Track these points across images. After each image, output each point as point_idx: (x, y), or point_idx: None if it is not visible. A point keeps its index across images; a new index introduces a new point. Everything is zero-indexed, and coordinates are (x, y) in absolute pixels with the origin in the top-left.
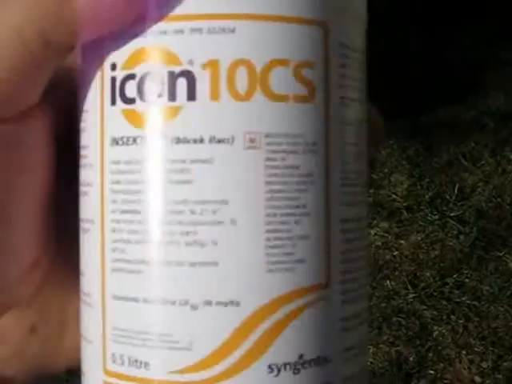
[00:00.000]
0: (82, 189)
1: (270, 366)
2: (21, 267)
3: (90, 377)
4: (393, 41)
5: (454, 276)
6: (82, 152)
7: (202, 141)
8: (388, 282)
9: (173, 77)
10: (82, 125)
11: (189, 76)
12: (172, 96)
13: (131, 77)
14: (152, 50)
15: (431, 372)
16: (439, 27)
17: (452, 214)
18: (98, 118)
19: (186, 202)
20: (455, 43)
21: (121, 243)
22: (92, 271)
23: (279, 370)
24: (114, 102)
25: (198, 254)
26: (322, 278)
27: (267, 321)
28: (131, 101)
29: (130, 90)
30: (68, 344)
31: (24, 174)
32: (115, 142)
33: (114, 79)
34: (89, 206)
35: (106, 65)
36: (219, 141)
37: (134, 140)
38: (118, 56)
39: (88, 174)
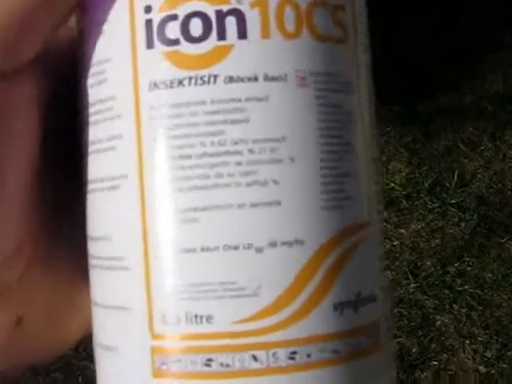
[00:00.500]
0: (101, 146)
1: (334, 305)
2: (4, 251)
3: (129, 348)
4: (390, 26)
5: (456, 264)
6: (99, 106)
7: (256, 79)
8: (388, 272)
9: (221, 15)
10: (99, 77)
11: (238, 14)
12: (222, 35)
13: (173, 18)
14: None
15: (434, 363)
16: (437, 10)
17: (452, 202)
18: (128, 64)
19: (243, 141)
20: (452, 27)
21: (170, 192)
22: (126, 230)
23: (342, 309)
24: (151, 45)
25: (260, 194)
26: (366, 216)
27: (328, 259)
28: (174, 42)
29: (172, 31)
30: (58, 334)
31: (10, 141)
32: (155, 86)
33: (149, 22)
34: (117, 161)
35: (138, 8)
36: (273, 78)
37: (180, 82)
38: None
39: (113, 127)
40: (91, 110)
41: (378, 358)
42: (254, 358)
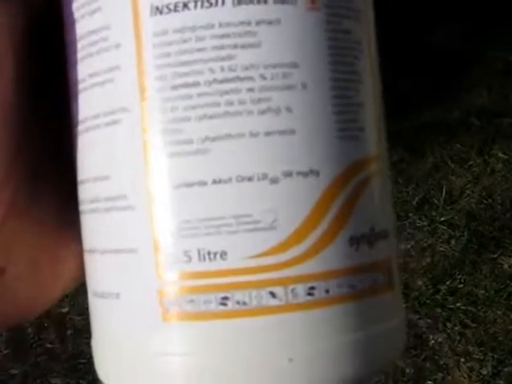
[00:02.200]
0: (95, 80)
1: (350, 239)
2: None
3: (135, 292)
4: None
5: (447, 282)
6: (92, 38)
7: (265, 1)
8: None
9: None
10: (91, 7)
11: None
12: None
13: None
14: None
15: (429, 382)
16: (419, 21)
17: (442, 219)
18: None
19: (254, 66)
20: (435, 39)
21: (175, 123)
22: (128, 166)
23: (358, 243)
24: None
25: (274, 122)
26: (378, 150)
27: (344, 191)
28: None
29: None
30: (41, 290)
31: None
32: (158, 10)
33: None
34: (115, 94)
35: None
36: (283, 1)
37: (185, 5)
38: None
39: (109, 59)
40: (81, 43)
41: (392, 297)
42: (272, 294)
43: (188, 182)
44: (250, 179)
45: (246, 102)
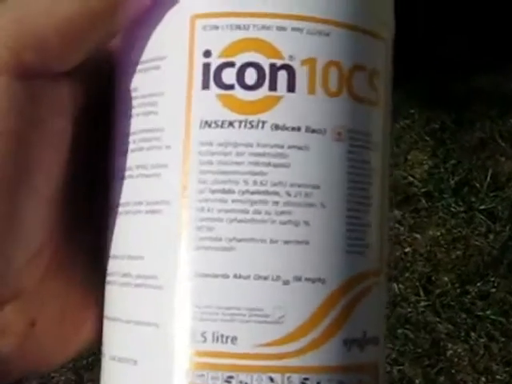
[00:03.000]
0: (142, 172)
1: (344, 341)
2: (27, 252)
3: (153, 361)
4: None
5: (478, 284)
6: (144, 135)
7: (299, 129)
8: (395, 284)
9: (274, 68)
10: (148, 109)
11: (289, 70)
12: (273, 86)
13: (230, 64)
14: (255, 42)
15: None
16: None
17: (481, 207)
18: (182, 100)
19: (282, 184)
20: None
21: (209, 221)
22: (161, 252)
23: (351, 346)
24: (206, 87)
25: (292, 233)
26: (379, 265)
27: (345, 298)
28: (229, 87)
29: (228, 76)
30: (64, 342)
31: (45, 139)
32: (207, 124)
33: (207, 65)
34: (161, 188)
35: (198, 51)
36: (313, 131)
37: (231, 124)
38: (214, 43)
39: (159, 157)
40: (133, 137)
41: None
42: (271, 379)
43: (213, 273)
44: (265, 278)
45: (271, 213)
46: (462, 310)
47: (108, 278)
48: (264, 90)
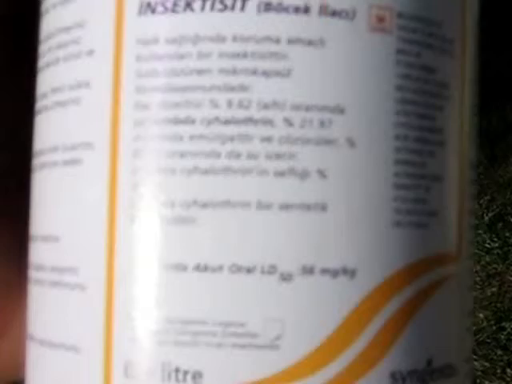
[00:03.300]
0: (59, 97)
1: (392, 375)
2: None
3: None
4: None
5: None
6: (63, 37)
7: (307, 10)
8: None
9: None
10: None
11: None
12: None
13: None
14: None
15: None
16: None
17: None
18: None
19: (277, 105)
20: None
21: (153, 174)
22: (84, 227)
23: (404, 382)
24: None
25: (296, 191)
26: (454, 246)
27: (392, 302)
28: None
29: None
30: (6, 353)
31: None
32: (149, 8)
33: None
34: (79, 123)
35: None
36: (334, 13)
37: (188, 4)
38: None
39: (78, 70)
40: (48, 43)
41: None
42: None
43: (162, 262)
44: (249, 271)
45: (259, 156)
46: (498, 346)
47: (29, 273)
48: None
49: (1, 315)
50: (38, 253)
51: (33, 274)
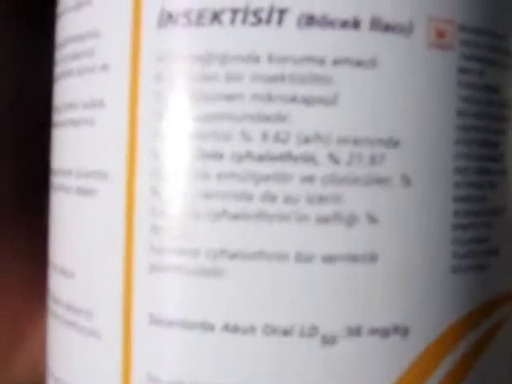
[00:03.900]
0: (72, 115)
1: None
2: None
3: None
4: None
5: None
6: (76, 46)
7: (357, 24)
8: None
9: None
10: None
11: None
12: None
13: None
14: None
15: None
16: None
17: None
18: None
19: (321, 138)
20: None
21: (177, 219)
22: (99, 265)
23: None
24: None
25: (342, 241)
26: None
27: (447, 360)
28: None
29: None
30: (20, 367)
31: None
32: (171, 20)
33: None
34: (92, 148)
35: None
36: (387, 28)
37: (216, 16)
38: None
39: (93, 86)
40: (63, 51)
41: None
42: None
43: (185, 320)
44: (286, 333)
45: (299, 199)
46: None
47: (48, 301)
48: None
49: (17, 327)
50: (55, 284)
51: (51, 305)
